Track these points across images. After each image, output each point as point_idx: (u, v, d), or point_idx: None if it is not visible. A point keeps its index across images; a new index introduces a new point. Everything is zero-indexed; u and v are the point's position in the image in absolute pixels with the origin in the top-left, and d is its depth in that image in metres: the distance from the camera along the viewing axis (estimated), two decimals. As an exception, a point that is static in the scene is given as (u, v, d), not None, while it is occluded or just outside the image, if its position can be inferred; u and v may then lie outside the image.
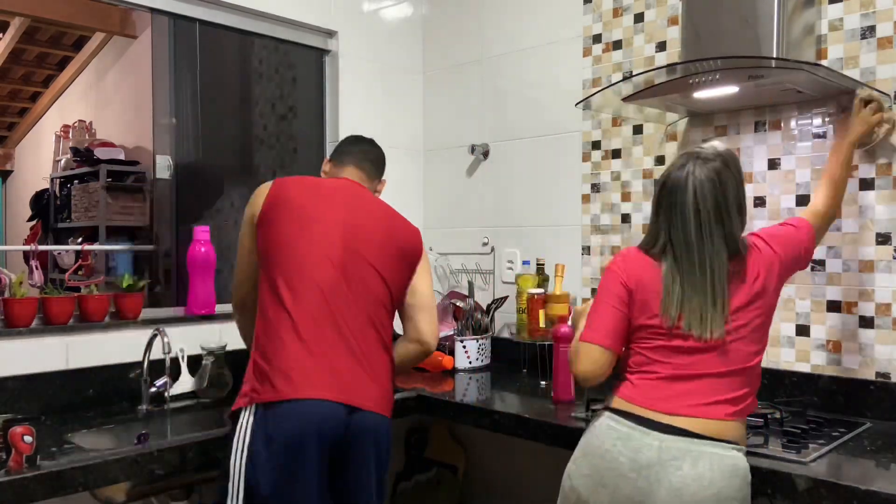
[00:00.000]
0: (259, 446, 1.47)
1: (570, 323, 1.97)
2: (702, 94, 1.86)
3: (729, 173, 1.46)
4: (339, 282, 1.62)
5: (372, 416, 1.58)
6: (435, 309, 1.84)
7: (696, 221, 1.43)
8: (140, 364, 2.02)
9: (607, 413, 1.46)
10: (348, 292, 1.63)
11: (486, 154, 2.74)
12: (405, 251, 1.77)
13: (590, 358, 1.49)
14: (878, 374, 1.82)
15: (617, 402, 1.46)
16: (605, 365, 1.48)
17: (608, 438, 1.42)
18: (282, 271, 1.62)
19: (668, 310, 1.43)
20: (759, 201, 2.03)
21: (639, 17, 2.28)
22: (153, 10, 2.28)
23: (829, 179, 1.72)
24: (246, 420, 1.51)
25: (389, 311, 1.73)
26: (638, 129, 2.29)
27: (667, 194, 1.48)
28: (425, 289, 1.82)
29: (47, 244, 4.13)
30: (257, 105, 2.86)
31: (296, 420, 1.49)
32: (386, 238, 1.73)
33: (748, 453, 1.43)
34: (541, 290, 2.36)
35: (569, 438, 1.72)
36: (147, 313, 2.19)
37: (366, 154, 1.94)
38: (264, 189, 1.73)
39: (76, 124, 4.62)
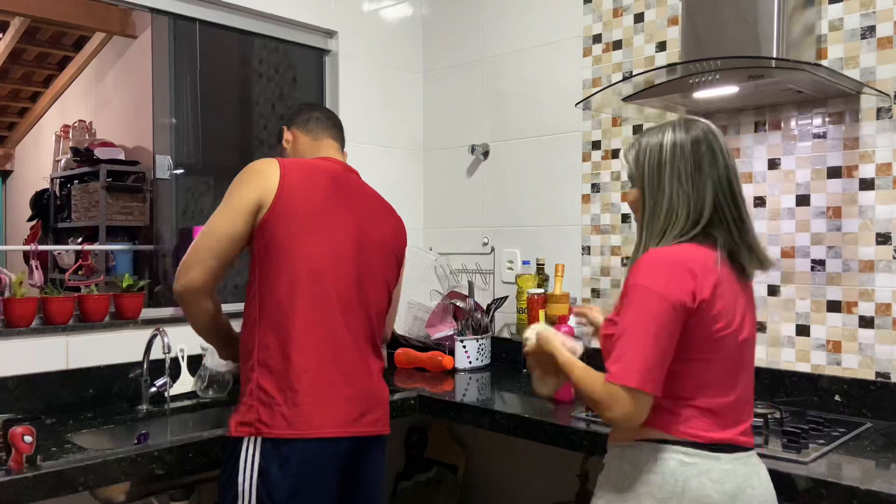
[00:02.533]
0: (270, 486, 1.43)
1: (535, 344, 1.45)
2: (702, 94, 1.86)
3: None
4: (354, 297, 1.56)
5: (379, 440, 1.60)
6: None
7: (739, 187, 1.28)
8: (140, 364, 2.02)
9: None
10: (360, 308, 1.57)
11: (486, 154, 2.74)
12: (399, 253, 1.74)
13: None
14: (878, 374, 1.82)
15: None
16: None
17: None
18: (293, 282, 1.49)
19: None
20: (759, 201, 2.03)
21: (639, 17, 2.28)
22: (153, 10, 2.28)
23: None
24: (251, 454, 1.45)
25: (385, 318, 1.71)
26: (638, 129, 2.29)
27: (707, 153, 1.27)
28: (401, 281, 1.80)
29: (47, 244, 4.12)
30: (257, 105, 2.85)
31: (311, 463, 1.45)
32: (390, 245, 1.68)
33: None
34: (541, 290, 2.36)
35: (569, 438, 1.73)
36: (147, 313, 2.19)
37: (331, 119, 1.80)
38: (272, 173, 1.52)
39: (76, 124, 4.62)
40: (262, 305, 1.50)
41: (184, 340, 2.13)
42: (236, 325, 1.65)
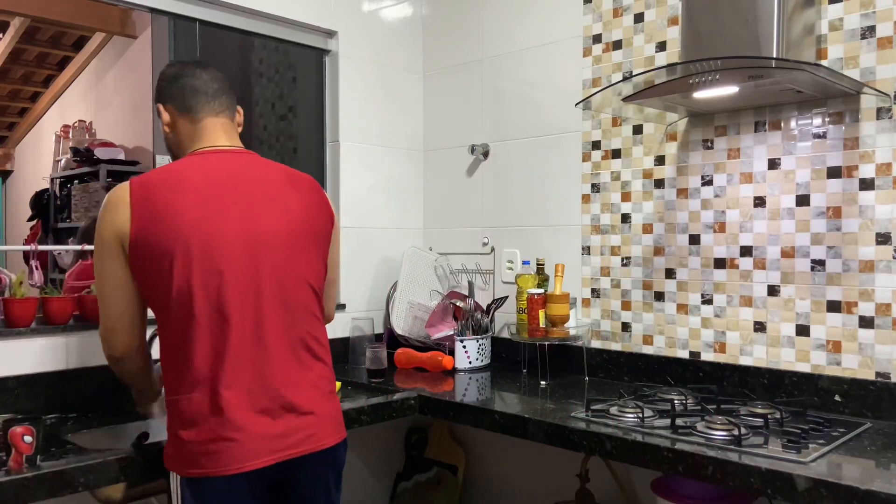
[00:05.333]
0: None
1: None
2: (702, 94, 1.86)
3: None
4: (262, 313, 1.44)
5: (322, 455, 1.49)
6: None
7: None
8: (140, 364, 2.02)
9: None
10: (274, 319, 1.45)
11: (486, 154, 2.74)
12: (318, 232, 1.57)
13: None
14: (878, 374, 1.82)
15: None
16: None
17: None
18: (190, 313, 1.40)
19: None
20: (759, 201, 2.03)
21: (639, 17, 2.28)
22: (153, 10, 2.28)
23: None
24: (177, 484, 1.42)
25: (320, 310, 1.57)
26: (638, 129, 2.29)
27: None
28: (336, 257, 1.66)
29: (47, 244, 4.12)
30: (257, 105, 2.85)
31: (236, 495, 1.39)
32: (296, 234, 1.50)
33: (746, 453, 1.42)
34: (541, 290, 2.36)
35: (569, 438, 1.73)
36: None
37: (210, 84, 1.57)
38: (123, 201, 1.41)
39: (76, 124, 4.62)
40: (165, 339, 1.49)
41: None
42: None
